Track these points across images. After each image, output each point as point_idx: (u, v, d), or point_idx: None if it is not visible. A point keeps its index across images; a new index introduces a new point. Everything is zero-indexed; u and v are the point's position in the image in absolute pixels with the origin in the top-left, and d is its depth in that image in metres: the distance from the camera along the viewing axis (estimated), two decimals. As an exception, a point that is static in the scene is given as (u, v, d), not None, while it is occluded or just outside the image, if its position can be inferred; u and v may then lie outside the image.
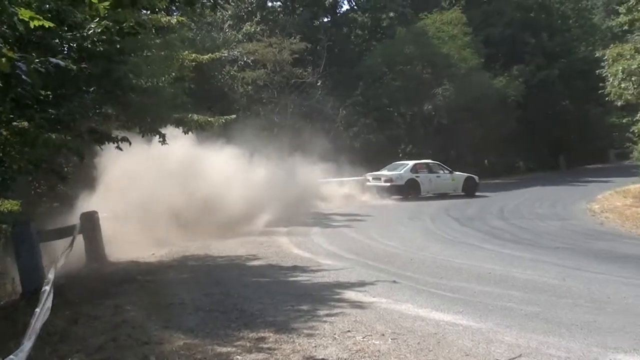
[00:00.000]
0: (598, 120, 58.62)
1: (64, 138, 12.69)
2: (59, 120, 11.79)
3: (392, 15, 52.46)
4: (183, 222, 20.64)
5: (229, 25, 46.23)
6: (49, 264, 11.91)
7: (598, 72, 27.34)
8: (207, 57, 18.82)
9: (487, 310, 10.19)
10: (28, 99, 9.75)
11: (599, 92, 28.12)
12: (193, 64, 17.04)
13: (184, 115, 15.38)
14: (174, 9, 16.87)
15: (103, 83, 12.01)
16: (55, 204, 19.31)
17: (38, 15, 6.60)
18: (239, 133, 26.28)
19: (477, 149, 48.09)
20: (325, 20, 52.26)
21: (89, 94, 12.38)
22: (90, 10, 9.82)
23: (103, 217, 17.40)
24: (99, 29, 10.72)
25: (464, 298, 11.18)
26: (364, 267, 14.73)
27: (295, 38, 42.48)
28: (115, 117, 15.03)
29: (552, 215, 24.89)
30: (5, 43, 7.82)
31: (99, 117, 14.35)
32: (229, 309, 10.85)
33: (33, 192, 18.94)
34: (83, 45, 10.93)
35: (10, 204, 15.36)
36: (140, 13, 12.90)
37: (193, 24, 30.05)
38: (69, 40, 11.00)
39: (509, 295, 11.25)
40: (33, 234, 13.13)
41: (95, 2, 8.24)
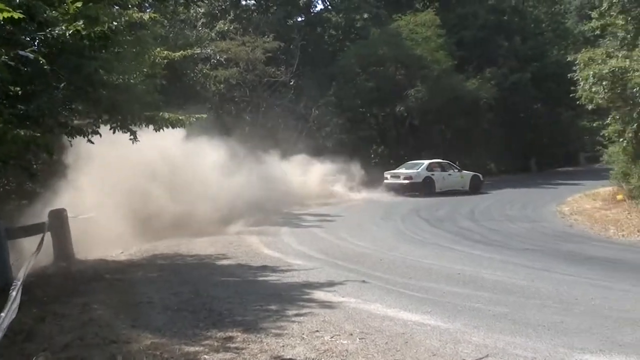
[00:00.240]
0: (569, 124, 59.16)
1: (33, 134, 12.56)
2: (28, 116, 11.68)
3: (366, 16, 52.49)
4: (154, 220, 20.53)
5: (202, 23, 46.02)
6: (17, 262, 11.81)
7: (570, 76, 27.41)
8: (179, 54, 18.76)
9: (455, 311, 10.23)
10: (-3, 95, 9.66)
11: (571, 95, 28.20)
12: (165, 62, 16.94)
13: (155, 113, 15.26)
14: (147, 6, 16.80)
15: (73, 79, 11.91)
16: (24, 202, 19.12)
17: (7, 8, 6.54)
18: (211, 131, 26.14)
19: (448, 151, 48.13)
20: (299, 20, 52.14)
21: (59, 90, 12.26)
22: (61, 8, 9.77)
23: (80, 217, 17.31)
24: (70, 31, 10.64)
25: (433, 298, 11.22)
26: (334, 267, 14.75)
27: (269, 37, 42.36)
28: (86, 113, 14.91)
29: (522, 217, 25.01)
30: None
31: (69, 113, 14.22)
32: (198, 308, 10.81)
33: (1, 189, 18.77)
34: (52, 41, 10.84)
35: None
36: (112, 9, 12.82)
37: (166, 21, 29.88)
38: (39, 36, 10.90)
39: (478, 296, 11.30)
40: (1, 232, 12.99)
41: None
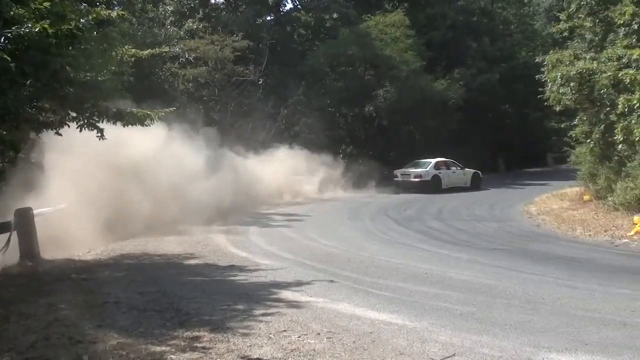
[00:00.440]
0: (537, 125, 59.60)
1: (-1, 131, 12.45)
2: (-6, 113, 11.56)
3: (335, 16, 52.42)
4: (121, 219, 20.42)
5: (171, 22, 45.75)
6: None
7: (538, 77, 27.61)
8: (146, 52, 18.65)
9: (422, 310, 10.27)
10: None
11: (539, 97, 28.40)
12: (132, 59, 16.82)
13: (123, 110, 15.17)
14: (115, 3, 16.66)
15: (40, 76, 11.80)
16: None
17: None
18: (179, 130, 26.02)
19: (417, 151, 48.28)
20: (269, 19, 52.01)
21: (25, 87, 12.14)
22: (28, 5, 9.68)
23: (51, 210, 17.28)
24: (37, 28, 10.55)
25: (400, 297, 11.25)
26: (302, 266, 14.75)
27: (238, 36, 42.16)
28: (53, 111, 14.79)
29: (489, 217, 25.16)
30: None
31: (36, 110, 14.11)
32: (164, 308, 10.75)
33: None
34: (19, 38, 10.74)
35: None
36: (80, 6, 12.73)
37: (134, 19, 29.71)
38: (5, 34, 10.81)
39: (445, 295, 11.34)
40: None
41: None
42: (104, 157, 20.73)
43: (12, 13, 10.37)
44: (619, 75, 20.90)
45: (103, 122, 14.78)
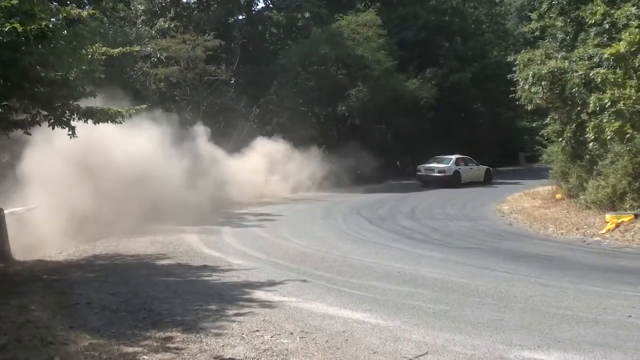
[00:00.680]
0: (509, 124, 59.86)
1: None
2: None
3: (307, 15, 52.43)
4: (93, 219, 20.29)
5: (142, 21, 45.52)
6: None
7: (509, 76, 27.73)
8: (117, 50, 18.46)
9: (395, 309, 10.28)
10: None
11: (510, 96, 28.52)
12: (103, 58, 16.68)
13: (93, 107, 15.05)
14: (86, 2, 16.57)
15: (9, 74, 11.70)
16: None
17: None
18: (152, 129, 25.88)
19: (389, 150, 48.37)
20: (240, 18, 51.86)
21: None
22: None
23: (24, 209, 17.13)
24: (6, 28, 10.45)
25: (373, 296, 11.26)
26: (275, 266, 14.73)
27: (209, 35, 42.02)
28: (23, 109, 14.67)
29: (462, 216, 25.25)
30: None
31: (5, 109, 13.98)
32: (137, 309, 10.70)
33: None
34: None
35: None
36: (50, 5, 12.62)
37: (105, 18, 29.52)
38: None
39: (418, 294, 11.37)
40: None
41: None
42: (76, 156, 20.61)
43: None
44: (590, 75, 21.04)
45: (74, 120, 14.66)
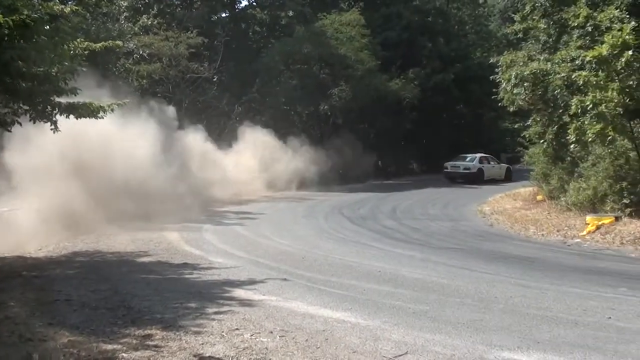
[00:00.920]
0: (491, 125, 59.98)
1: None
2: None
3: (291, 14, 52.36)
4: (75, 216, 20.22)
5: (125, 17, 45.38)
6: None
7: (492, 77, 27.81)
8: (100, 45, 18.38)
9: (375, 308, 10.30)
10: None
11: (493, 97, 28.62)
12: (86, 53, 16.61)
13: (75, 102, 14.98)
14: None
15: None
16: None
17: None
18: (132, 125, 25.77)
19: (371, 150, 48.37)
20: (224, 16, 51.72)
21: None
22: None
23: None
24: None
25: (354, 296, 11.28)
26: (255, 265, 14.72)
27: (192, 32, 41.89)
28: (5, 103, 14.59)
29: (443, 216, 25.31)
30: None
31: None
32: (116, 306, 10.68)
33: None
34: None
35: None
36: (33, 0, 12.58)
37: (88, 14, 29.38)
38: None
39: (398, 294, 11.40)
40: None
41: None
42: (57, 152, 20.55)
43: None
44: (573, 77, 21.12)
45: (55, 115, 14.62)
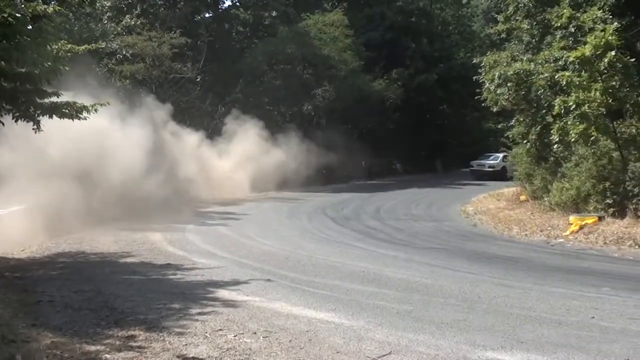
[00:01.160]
0: (475, 125, 60.20)
1: None
2: None
3: (274, 14, 52.31)
4: (59, 217, 20.15)
5: (108, 17, 45.21)
6: None
7: (475, 78, 27.86)
8: (83, 47, 18.30)
9: (359, 308, 10.32)
10: None
11: (476, 97, 28.68)
12: (69, 55, 16.54)
13: (58, 102, 14.93)
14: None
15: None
16: None
17: None
18: (116, 125, 25.72)
19: (355, 150, 48.41)
20: (207, 16, 51.57)
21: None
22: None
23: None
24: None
25: (337, 296, 11.30)
26: (239, 265, 14.73)
27: (176, 32, 41.78)
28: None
29: (427, 217, 25.37)
30: None
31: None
32: (99, 307, 10.66)
33: None
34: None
35: None
36: (15, 0, 12.54)
37: (71, 14, 29.25)
38: None
39: (382, 294, 11.42)
40: None
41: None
42: (39, 153, 20.49)
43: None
44: (556, 77, 21.23)
45: (38, 115, 14.58)
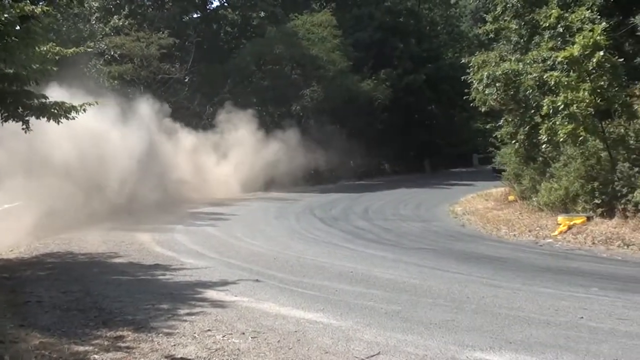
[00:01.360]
0: (463, 125, 60.26)
1: None
2: None
3: (262, 15, 52.31)
4: (47, 217, 20.13)
5: (97, 18, 45.16)
6: None
7: (464, 78, 27.83)
8: (71, 50, 18.26)
9: (347, 309, 10.32)
10: None
11: (465, 97, 28.67)
12: (57, 57, 16.51)
13: (47, 102, 14.92)
14: (40, -1, 16.42)
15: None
16: None
17: None
18: (106, 126, 25.71)
19: (343, 151, 48.44)
20: (195, 16, 51.59)
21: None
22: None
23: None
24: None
25: (326, 296, 11.29)
26: (227, 266, 14.73)
27: (164, 33, 41.74)
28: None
29: (415, 217, 25.36)
30: None
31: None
32: (88, 307, 10.64)
33: None
34: None
35: None
36: (3, 1, 12.53)
37: (59, 15, 29.20)
38: None
39: (370, 294, 11.42)
40: None
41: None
42: (28, 154, 20.48)
43: None
44: (544, 77, 21.24)
45: (27, 116, 14.58)
